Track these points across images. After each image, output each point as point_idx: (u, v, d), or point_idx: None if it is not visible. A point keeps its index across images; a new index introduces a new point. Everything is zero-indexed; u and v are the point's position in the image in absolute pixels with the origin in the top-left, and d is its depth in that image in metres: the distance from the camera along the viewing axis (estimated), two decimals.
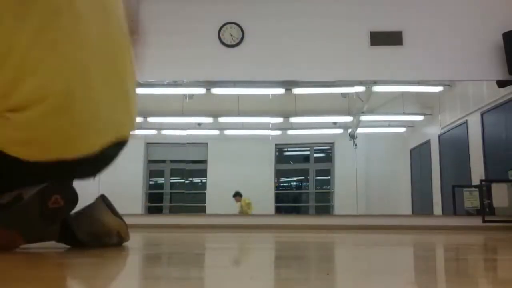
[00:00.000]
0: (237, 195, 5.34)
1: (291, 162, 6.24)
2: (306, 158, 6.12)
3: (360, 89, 5.51)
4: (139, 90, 1.31)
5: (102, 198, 1.25)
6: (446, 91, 5.58)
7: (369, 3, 5.13)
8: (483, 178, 4.90)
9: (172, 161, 5.83)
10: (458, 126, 5.54)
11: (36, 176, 1.02)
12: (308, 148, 6.03)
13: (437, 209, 5.39)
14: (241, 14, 5.20)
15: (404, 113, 5.88)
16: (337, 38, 5.13)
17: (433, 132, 5.78)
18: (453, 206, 5.09)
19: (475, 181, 4.98)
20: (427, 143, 5.79)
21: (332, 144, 5.98)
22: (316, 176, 6.06)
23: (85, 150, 1.05)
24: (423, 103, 5.97)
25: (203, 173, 5.60)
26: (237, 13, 5.20)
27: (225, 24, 5.18)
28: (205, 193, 5.48)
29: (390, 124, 6.04)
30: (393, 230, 4.04)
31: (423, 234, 2.89)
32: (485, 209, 4.63)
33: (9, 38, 0.99)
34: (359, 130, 5.76)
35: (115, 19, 1.19)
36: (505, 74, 4.81)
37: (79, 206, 1.20)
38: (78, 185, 1.19)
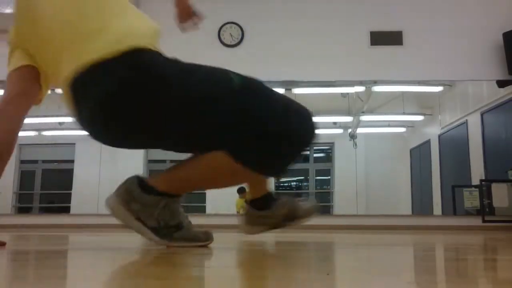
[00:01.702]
0: (244, 191, 5.34)
1: None
2: (306, 158, 6.12)
3: (360, 89, 5.51)
4: None
5: None
6: (446, 91, 5.59)
7: (369, 3, 5.13)
8: (483, 178, 4.91)
9: (172, 161, 5.81)
10: (458, 126, 5.55)
11: None
12: (308, 148, 6.03)
13: (437, 209, 5.40)
14: (241, 14, 5.20)
15: (404, 113, 5.88)
16: (337, 38, 5.13)
17: (433, 132, 5.78)
18: (453, 206, 5.09)
19: (475, 181, 4.98)
20: (427, 143, 5.80)
21: (332, 144, 5.99)
22: (316, 176, 6.06)
23: None
24: (423, 103, 5.97)
25: None
26: (237, 13, 5.20)
27: (225, 24, 5.18)
28: (205, 193, 5.48)
29: (390, 124, 6.04)
30: (393, 230, 4.04)
31: (423, 234, 2.89)
32: (485, 209, 4.64)
33: None
34: (359, 130, 5.76)
35: None
36: (505, 74, 4.81)
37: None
38: (79, 186, 1.19)
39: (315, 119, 1.31)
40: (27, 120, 1.29)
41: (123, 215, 1.27)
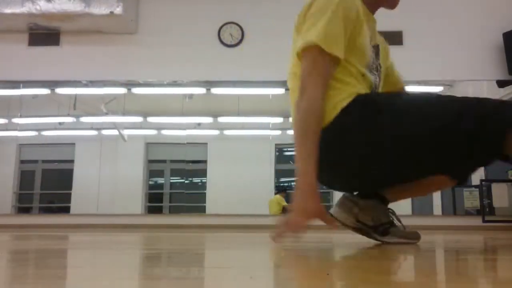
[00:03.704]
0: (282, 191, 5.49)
1: (291, 162, 6.23)
2: None
3: None
4: (139, 90, 1.31)
5: None
6: (446, 91, 5.58)
7: None
8: (483, 178, 4.90)
9: (172, 161, 5.82)
10: None
11: None
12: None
13: (437, 209, 5.39)
14: (241, 14, 5.20)
15: None
16: None
17: None
18: (453, 206, 5.09)
19: (475, 181, 4.98)
20: None
21: None
22: None
23: None
24: None
25: (203, 173, 5.60)
26: (237, 13, 5.20)
27: (225, 24, 5.18)
28: (205, 193, 5.48)
29: None
30: None
31: (423, 234, 2.89)
32: (485, 209, 4.63)
33: None
34: None
35: None
36: (505, 74, 4.81)
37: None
38: (79, 186, 1.19)
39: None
40: (27, 120, 1.30)
41: (344, 218, 1.56)
